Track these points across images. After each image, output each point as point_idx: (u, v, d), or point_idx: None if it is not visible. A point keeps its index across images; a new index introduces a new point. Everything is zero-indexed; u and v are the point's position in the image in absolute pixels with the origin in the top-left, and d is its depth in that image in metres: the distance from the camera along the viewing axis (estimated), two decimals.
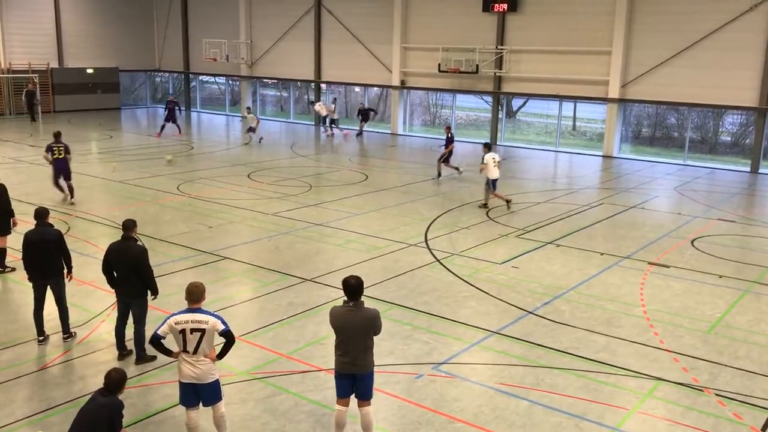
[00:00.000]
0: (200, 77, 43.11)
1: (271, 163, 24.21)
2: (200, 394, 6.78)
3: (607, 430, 7.53)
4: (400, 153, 28.92)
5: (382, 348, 9.10)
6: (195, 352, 6.60)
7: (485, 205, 17.92)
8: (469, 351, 9.46)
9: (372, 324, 6.79)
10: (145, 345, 8.76)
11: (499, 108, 31.07)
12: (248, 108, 31.86)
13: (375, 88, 36.13)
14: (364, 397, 6.92)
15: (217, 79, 43.06)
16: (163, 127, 30.27)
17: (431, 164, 24.62)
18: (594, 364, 9.11)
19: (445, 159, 22.08)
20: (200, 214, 16.56)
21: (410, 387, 8.37)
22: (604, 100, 27.76)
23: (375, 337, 6.92)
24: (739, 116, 28.24)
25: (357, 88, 37.34)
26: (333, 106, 32.53)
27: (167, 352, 6.89)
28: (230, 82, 42.37)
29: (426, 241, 14.71)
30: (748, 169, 25.49)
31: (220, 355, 6.83)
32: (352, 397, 6.98)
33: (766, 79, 24.11)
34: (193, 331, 6.56)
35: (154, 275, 8.83)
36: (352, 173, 22.60)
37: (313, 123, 36.81)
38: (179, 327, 6.58)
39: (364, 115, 32.73)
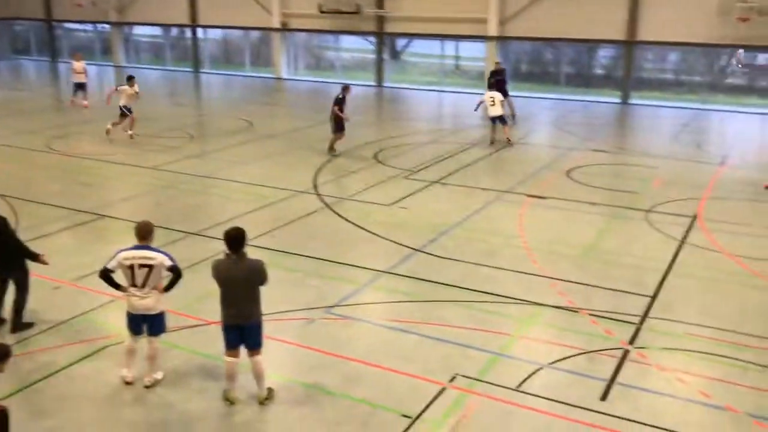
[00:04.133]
0: (65, 25, 40.12)
1: (149, 114, 23.12)
2: (147, 323, 7.26)
3: (491, 356, 7.93)
4: (286, 98, 28.39)
5: (274, 296, 9.06)
6: (143, 285, 7.06)
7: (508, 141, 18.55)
8: (361, 292, 9.63)
9: (256, 274, 6.76)
10: (23, 313, 8.40)
11: (383, 48, 30.92)
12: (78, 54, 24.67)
13: (255, 32, 34.92)
14: (253, 347, 6.94)
15: (86, 26, 40.23)
16: None
17: (317, 109, 24.36)
18: (479, 295, 9.52)
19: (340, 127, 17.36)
20: (74, 171, 15.69)
21: (303, 332, 8.46)
22: (483, 38, 28.20)
23: (267, 287, 6.91)
24: (611, 49, 29.45)
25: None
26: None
27: (116, 286, 7.21)
28: (98, 29, 39.72)
29: (315, 187, 14.66)
30: (620, 100, 26.90)
31: (167, 288, 7.24)
32: (243, 347, 6.98)
33: (633, 14, 25.27)
34: (141, 266, 7.02)
35: (23, 242, 8.38)
36: (236, 121, 21.99)
37: (192, 69, 35.34)
38: (128, 263, 7.02)
39: (500, 83, 21.16)
